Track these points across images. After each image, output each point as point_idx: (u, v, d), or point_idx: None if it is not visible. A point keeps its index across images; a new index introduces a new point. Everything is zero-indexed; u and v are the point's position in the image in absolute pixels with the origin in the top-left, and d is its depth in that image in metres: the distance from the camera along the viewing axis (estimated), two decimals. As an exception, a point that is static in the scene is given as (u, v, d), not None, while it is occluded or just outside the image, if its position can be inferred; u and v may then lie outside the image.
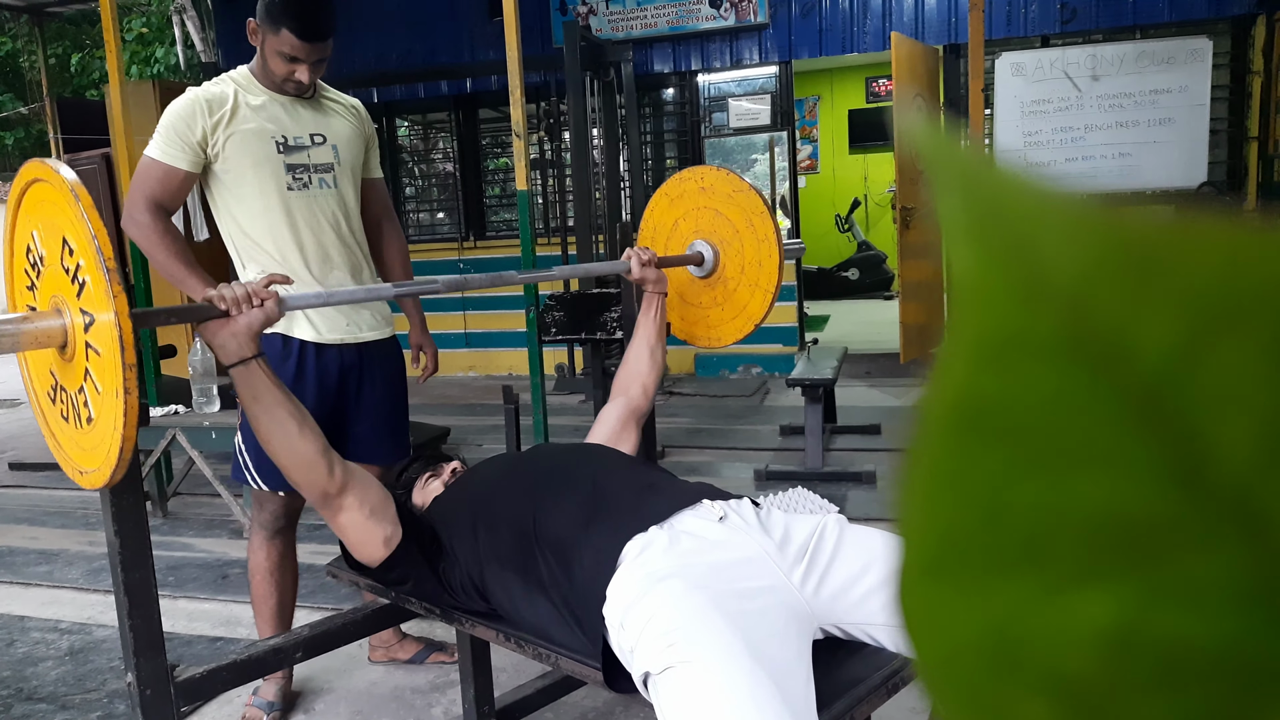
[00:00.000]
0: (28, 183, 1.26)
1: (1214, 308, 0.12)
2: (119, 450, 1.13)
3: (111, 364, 1.11)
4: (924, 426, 0.14)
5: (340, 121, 2.13)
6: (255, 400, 1.40)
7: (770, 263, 1.94)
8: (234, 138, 1.97)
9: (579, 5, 5.92)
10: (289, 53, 1.95)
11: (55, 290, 1.22)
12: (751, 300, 1.98)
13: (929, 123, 0.15)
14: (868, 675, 1.32)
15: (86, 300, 1.15)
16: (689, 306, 2.12)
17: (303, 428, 1.43)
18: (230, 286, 1.38)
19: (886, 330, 6.35)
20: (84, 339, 1.16)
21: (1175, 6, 5.12)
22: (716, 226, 2.03)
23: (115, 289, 1.09)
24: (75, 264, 1.16)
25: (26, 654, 2.57)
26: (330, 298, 1.59)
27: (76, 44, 12.31)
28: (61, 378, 1.26)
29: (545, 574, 1.43)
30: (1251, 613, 0.13)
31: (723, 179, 2.02)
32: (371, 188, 2.24)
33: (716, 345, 2.09)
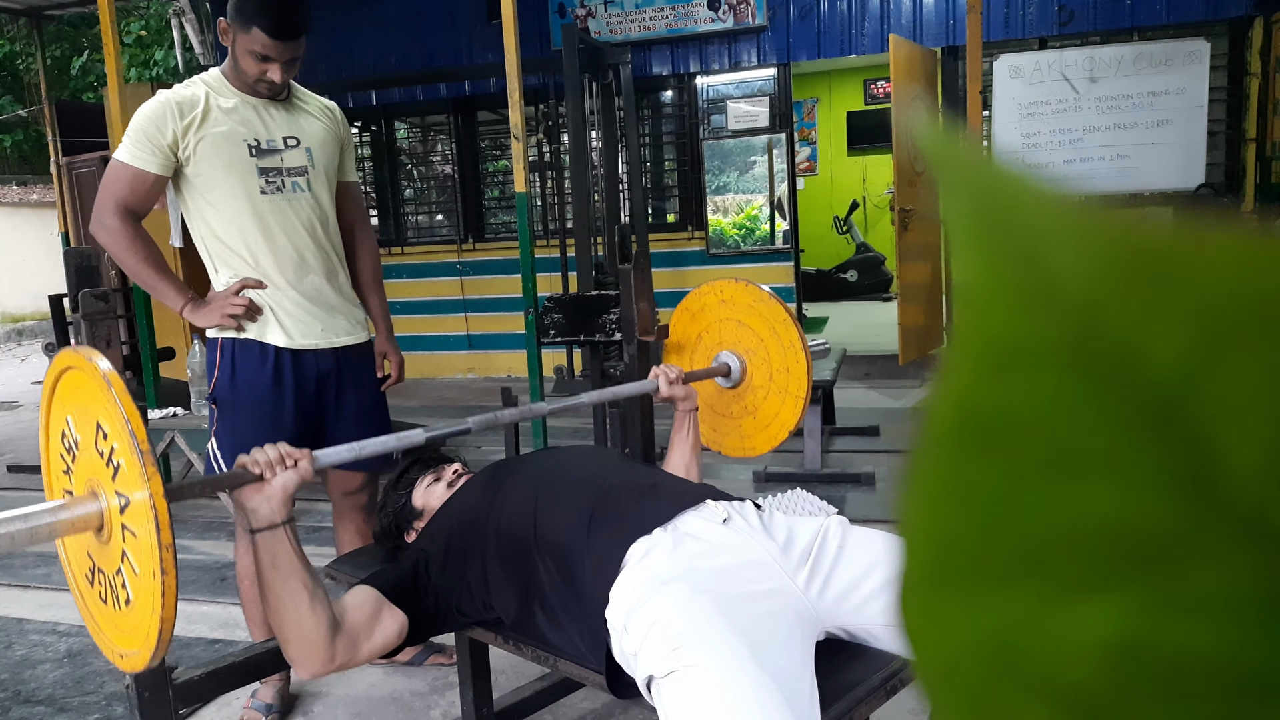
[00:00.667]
0: (61, 371, 1.27)
1: (1224, 317, 0.12)
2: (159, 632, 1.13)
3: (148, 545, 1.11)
4: (928, 433, 0.14)
5: (314, 124, 2.08)
6: (274, 568, 1.32)
7: (798, 368, 1.94)
8: (205, 141, 1.93)
9: (577, 8, 5.93)
10: (260, 51, 1.91)
11: (90, 474, 1.22)
12: (783, 408, 1.98)
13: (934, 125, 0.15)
14: (867, 677, 1.32)
15: (121, 482, 1.15)
16: (720, 418, 2.11)
17: (314, 602, 1.33)
18: (263, 450, 1.32)
19: (885, 332, 6.35)
20: (120, 521, 1.17)
21: (1173, 8, 5.13)
22: (740, 337, 2.04)
23: (150, 470, 1.09)
24: (109, 447, 1.17)
25: (25, 656, 2.56)
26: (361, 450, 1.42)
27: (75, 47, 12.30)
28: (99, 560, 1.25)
29: (545, 579, 1.42)
30: (1257, 624, 0.12)
31: (741, 291, 2.03)
32: (346, 191, 2.20)
33: (752, 454, 2.08)
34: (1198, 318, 0.12)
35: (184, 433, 3.35)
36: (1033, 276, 0.13)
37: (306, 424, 2.09)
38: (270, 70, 1.94)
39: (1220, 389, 0.12)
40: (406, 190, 7.04)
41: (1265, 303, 0.12)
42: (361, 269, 2.25)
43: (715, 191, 6.02)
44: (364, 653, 1.41)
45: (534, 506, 1.49)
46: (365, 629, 1.42)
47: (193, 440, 3.35)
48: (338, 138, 2.15)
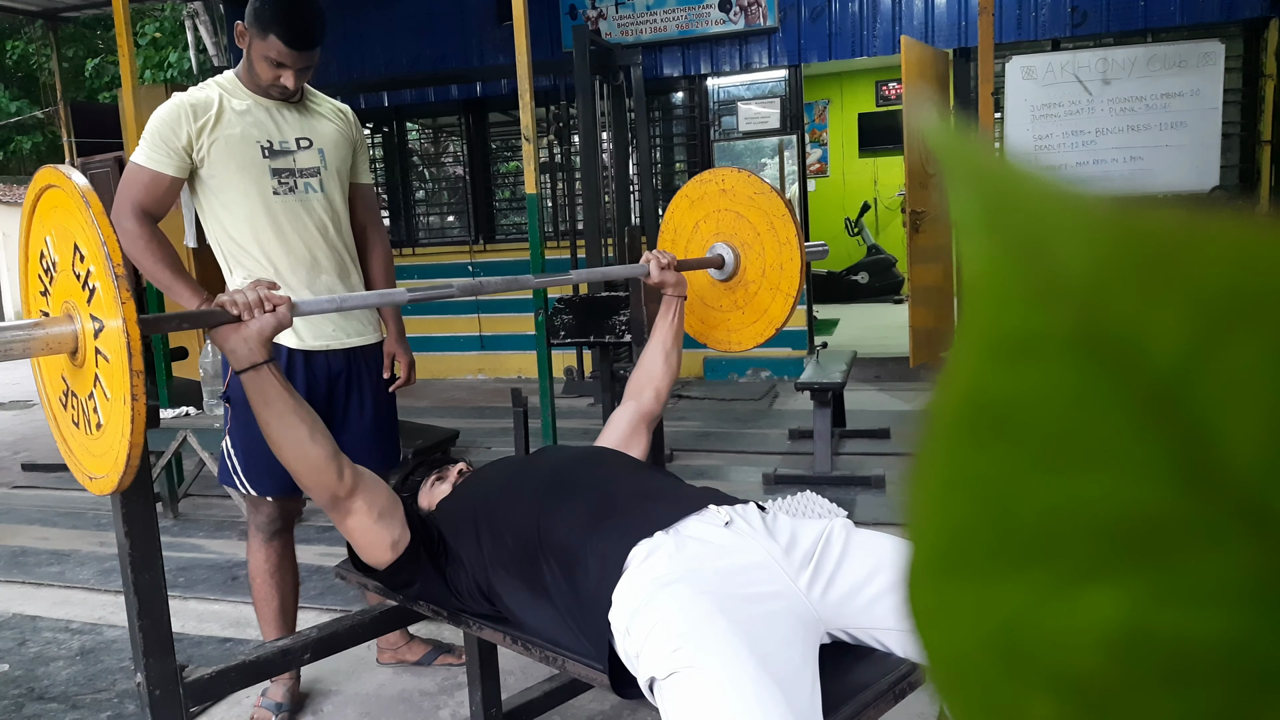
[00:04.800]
0: (41, 189, 1.26)
1: (1225, 307, 0.12)
2: (126, 456, 1.14)
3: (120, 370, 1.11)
4: (934, 424, 0.14)
5: (327, 125, 2.11)
6: (266, 405, 1.39)
7: (791, 266, 1.92)
8: (219, 143, 1.96)
9: (588, 10, 5.94)
10: (276, 59, 1.94)
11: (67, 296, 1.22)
12: (772, 304, 1.97)
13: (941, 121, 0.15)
14: (874, 680, 1.31)
15: (96, 306, 1.15)
16: (709, 310, 2.11)
17: (313, 432, 1.42)
18: (242, 291, 1.37)
19: (896, 334, 6.33)
20: (94, 345, 1.17)
21: (1187, 10, 5.10)
22: (737, 229, 2.02)
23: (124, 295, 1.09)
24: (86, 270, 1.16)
25: (38, 653, 2.58)
26: (343, 302, 1.56)
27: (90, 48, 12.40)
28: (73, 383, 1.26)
29: (549, 579, 1.43)
30: (1260, 612, 0.12)
31: (744, 181, 2.01)
32: (359, 193, 2.22)
33: (736, 349, 2.07)
34: (1198, 307, 0.12)
35: (196, 432, 3.37)
36: (1037, 267, 0.13)
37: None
38: (284, 76, 1.97)
39: (1220, 377, 0.12)
40: (418, 191, 7.06)
41: (1264, 292, 0.12)
42: (374, 269, 2.27)
43: (726, 193, 6.01)
44: (367, 502, 1.49)
45: (539, 506, 1.49)
46: (376, 487, 1.52)
47: (205, 439, 3.37)
48: (350, 139, 2.17)
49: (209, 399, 3.48)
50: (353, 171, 2.20)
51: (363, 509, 1.50)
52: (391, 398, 2.27)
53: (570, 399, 5.53)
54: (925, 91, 5.00)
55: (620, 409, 1.91)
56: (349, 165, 2.17)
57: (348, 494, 1.48)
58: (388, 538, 1.52)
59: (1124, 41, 5.23)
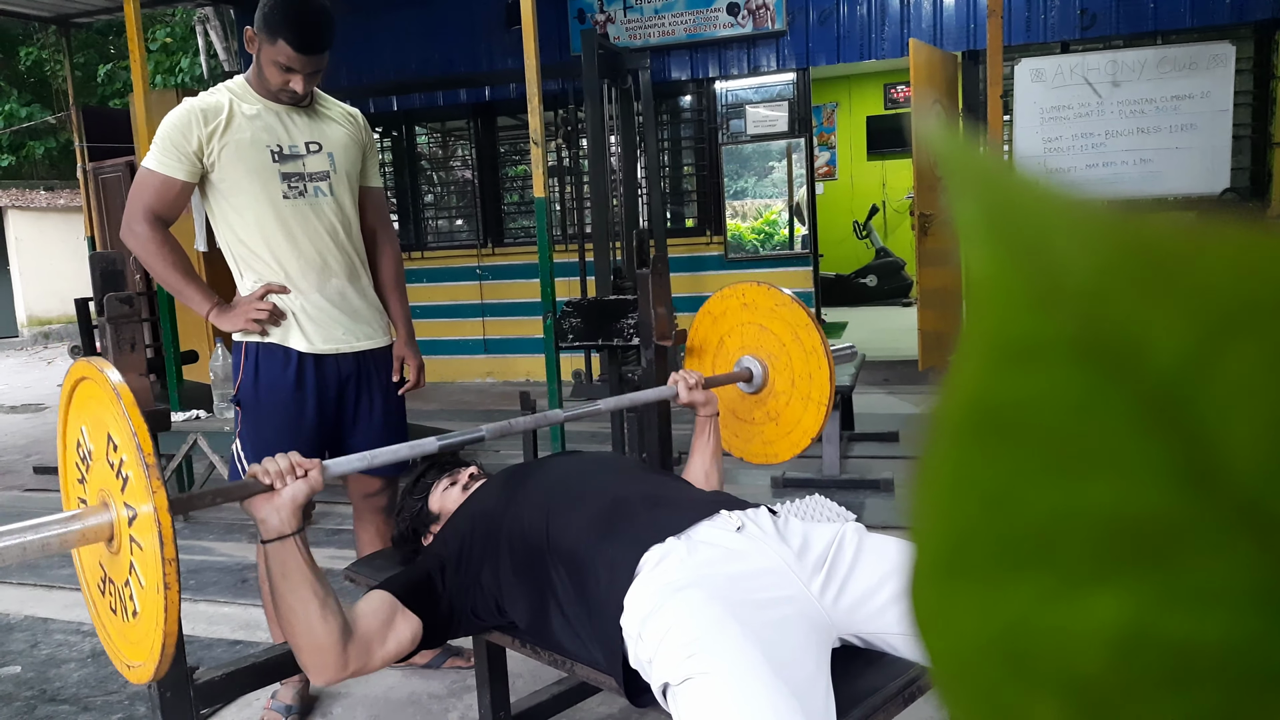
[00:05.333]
0: (76, 381, 1.29)
1: (1226, 311, 0.12)
2: (162, 646, 1.13)
3: (153, 558, 1.12)
4: (938, 427, 0.14)
5: (336, 129, 2.12)
6: (284, 577, 1.32)
7: (820, 374, 1.92)
8: (229, 147, 1.97)
9: (597, 14, 5.95)
10: (285, 63, 1.95)
11: (102, 484, 1.24)
12: (805, 414, 1.96)
13: (945, 127, 0.15)
14: (884, 684, 1.31)
15: (130, 494, 1.16)
16: (742, 423, 2.10)
17: (324, 610, 1.33)
18: (273, 460, 1.32)
19: (904, 337, 6.32)
20: (129, 532, 1.18)
21: (1197, 12, 5.08)
22: (763, 342, 2.02)
23: (155, 484, 1.10)
24: (119, 459, 1.18)
25: (50, 656, 2.59)
26: (373, 459, 1.42)
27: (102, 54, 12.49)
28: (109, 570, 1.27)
29: (560, 587, 1.42)
30: (1262, 615, 0.13)
31: (764, 295, 2.02)
32: (368, 196, 2.23)
33: (774, 461, 2.07)
34: (1199, 312, 0.12)
35: (207, 435, 3.39)
36: (1040, 273, 0.13)
37: (326, 426, 2.11)
38: (293, 81, 1.98)
39: (1222, 383, 0.12)
40: (426, 195, 7.08)
41: (1265, 297, 0.12)
42: (383, 272, 2.27)
43: (734, 196, 6.01)
44: (377, 659, 1.41)
45: (548, 513, 1.49)
46: (379, 635, 1.42)
47: (215, 443, 3.38)
48: (360, 143, 2.18)
49: (219, 402, 3.50)
50: (362, 175, 2.20)
51: (374, 661, 1.42)
52: (401, 400, 2.27)
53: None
54: (930, 96, 5.00)
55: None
56: (359, 169, 2.17)
57: (351, 671, 1.39)
58: (405, 649, 1.46)
59: (1133, 43, 5.21)
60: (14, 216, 12.30)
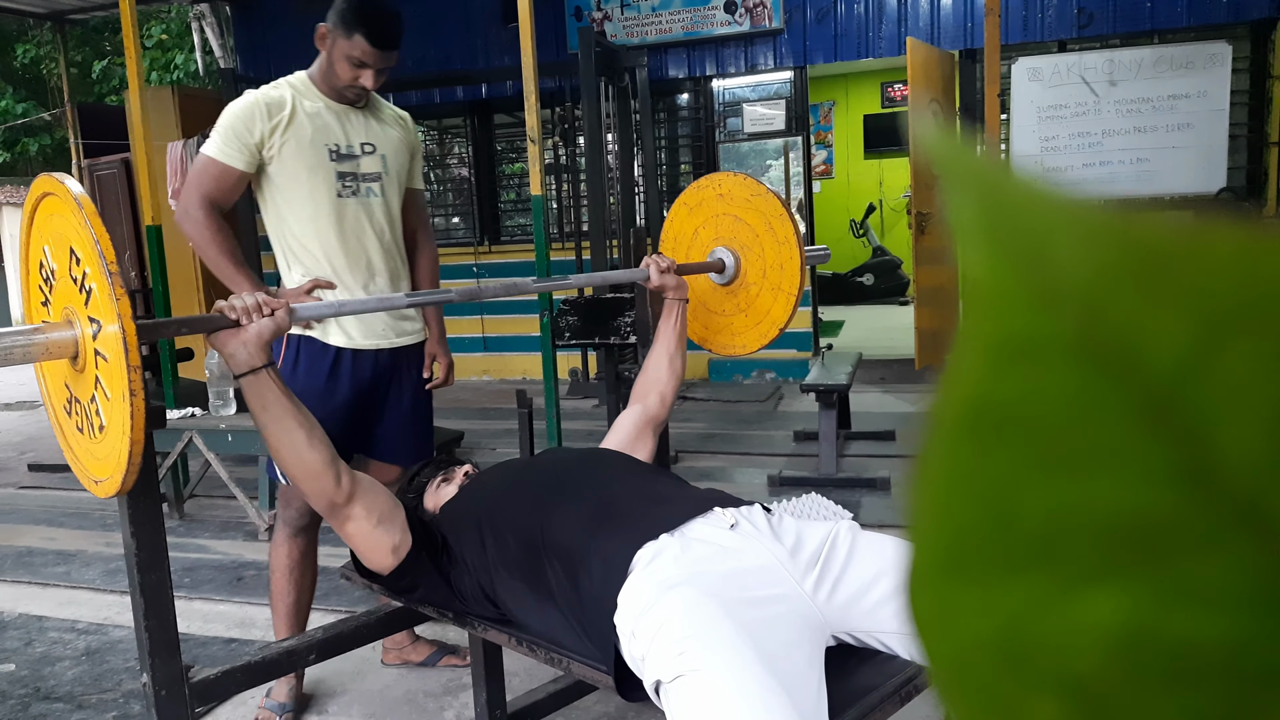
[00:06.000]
0: (38, 198, 1.28)
1: (1224, 311, 0.12)
2: (128, 455, 1.14)
3: (118, 367, 1.11)
4: (936, 427, 0.14)
5: (390, 131, 2.18)
6: (264, 409, 1.40)
7: (791, 265, 1.92)
8: (290, 143, 2.02)
9: (594, 11, 5.94)
10: (359, 57, 2.00)
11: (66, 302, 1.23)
12: (774, 305, 1.97)
13: (942, 127, 0.15)
14: (880, 683, 1.31)
15: (94, 308, 1.16)
16: (711, 315, 2.11)
17: (311, 437, 1.43)
18: (240, 297, 1.39)
19: (901, 336, 6.32)
20: (93, 347, 1.18)
21: (1194, 11, 5.09)
22: (736, 232, 2.02)
23: (118, 291, 1.10)
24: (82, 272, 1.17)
25: (44, 653, 2.59)
26: (341, 308, 1.58)
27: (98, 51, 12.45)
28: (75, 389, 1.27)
29: (553, 582, 1.43)
30: (1259, 614, 0.13)
31: (740, 184, 2.01)
32: (411, 197, 2.28)
33: (740, 353, 2.07)
34: (1197, 312, 0.12)
35: (202, 433, 3.38)
36: (1037, 273, 0.13)
37: (357, 418, 2.17)
38: (364, 76, 2.02)
39: (1219, 382, 0.12)
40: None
41: (1262, 297, 0.12)
42: (421, 271, 2.34)
43: (731, 195, 6.01)
44: (365, 508, 1.49)
45: (543, 508, 1.49)
46: (376, 494, 1.52)
47: (210, 440, 3.38)
48: (409, 146, 2.24)
49: (214, 400, 3.49)
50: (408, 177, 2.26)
51: (361, 515, 1.50)
52: (428, 396, 2.33)
53: (575, 400, 5.53)
54: (928, 95, 5.00)
55: (625, 413, 1.91)
56: (406, 172, 2.23)
57: (346, 500, 1.48)
58: (388, 543, 1.52)
59: (1130, 43, 5.22)
60: (9, 213, 12.27)
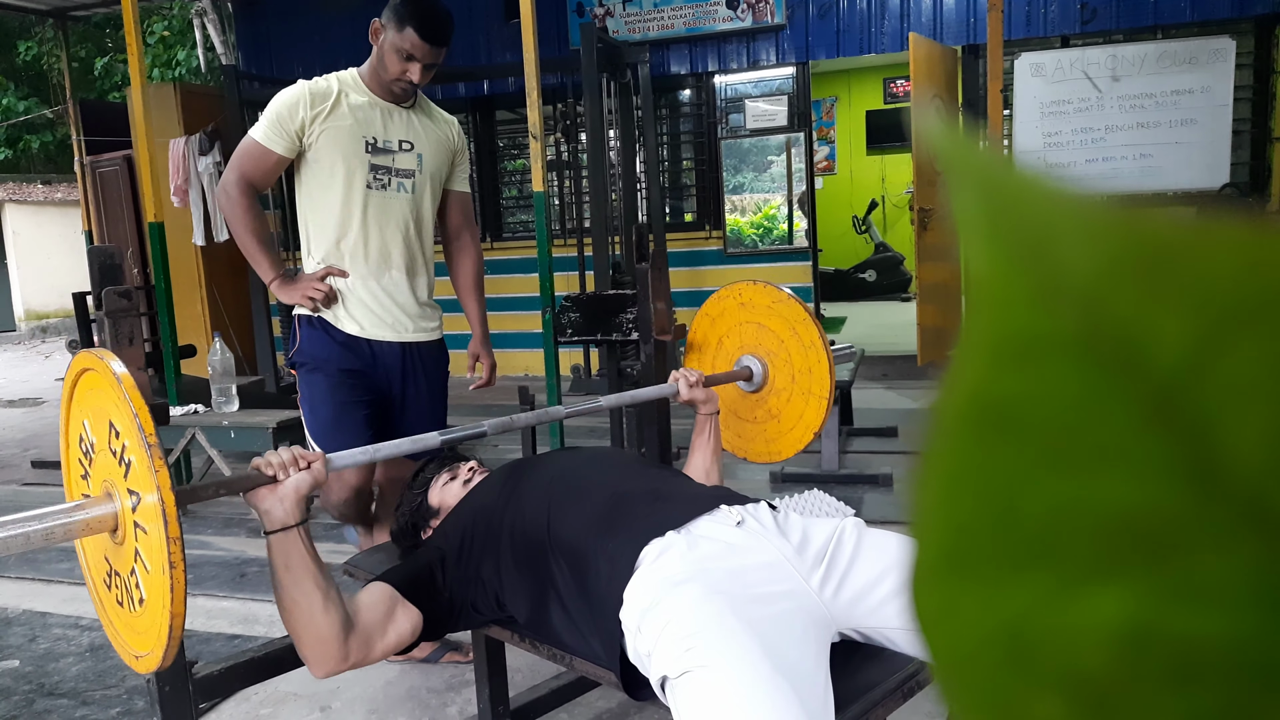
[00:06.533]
0: (78, 373, 1.29)
1: (1228, 308, 0.12)
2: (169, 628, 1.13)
3: (157, 540, 1.11)
4: (940, 424, 0.14)
5: (431, 132, 2.24)
6: (287, 569, 1.32)
7: (820, 368, 1.92)
8: (329, 131, 2.10)
9: (596, 7, 5.93)
10: (408, 50, 2.07)
11: (105, 475, 1.23)
12: (807, 409, 1.96)
13: (945, 123, 0.15)
14: (884, 679, 1.31)
15: (133, 480, 1.16)
16: (744, 423, 2.09)
17: (327, 602, 1.34)
18: (276, 453, 1.33)
19: (904, 332, 6.32)
20: (132, 519, 1.18)
21: (1197, 6, 5.07)
22: (761, 339, 2.02)
23: (157, 463, 1.10)
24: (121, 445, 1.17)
25: (48, 650, 2.60)
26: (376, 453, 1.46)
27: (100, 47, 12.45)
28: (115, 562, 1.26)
29: (560, 580, 1.43)
30: (1263, 611, 0.13)
31: (760, 293, 2.02)
32: (455, 199, 2.36)
33: (778, 459, 2.06)
34: (1201, 308, 0.12)
35: (205, 429, 3.38)
36: (1041, 269, 0.13)
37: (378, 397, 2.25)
38: (411, 70, 2.09)
39: (1223, 379, 0.12)
40: (425, 189, 7.07)
41: (1265, 293, 0.12)
42: (462, 273, 2.43)
43: (733, 191, 6.01)
44: (378, 651, 1.42)
45: (549, 507, 1.49)
46: (379, 627, 1.42)
47: (213, 436, 3.38)
48: (451, 148, 2.30)
49: (218, 397, 3.50)
50: (451, 179, 2.33)
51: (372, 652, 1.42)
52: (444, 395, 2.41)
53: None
54: (930, 90, 4.99)
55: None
56: (445, 173, 2.30)
57: (351, 665, 1.39)
58: (406, 637, 1.45)
59: (1134, 38, 5.20)
60: (11, 210, 12.28)
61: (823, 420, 1.94)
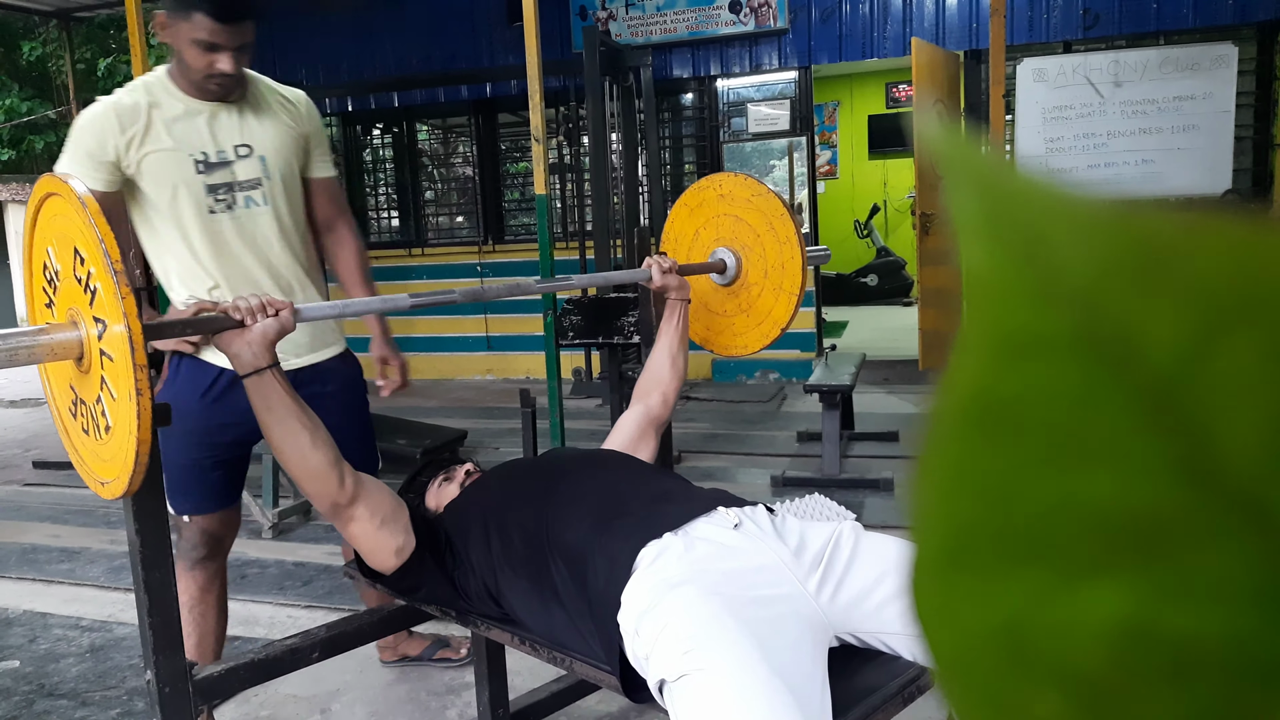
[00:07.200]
0: (42, 198, 1.27)
1: (1223, 305, 0.12)
2: (135, 454, 1.14)
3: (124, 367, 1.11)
4: (938, 422, 0.14)
5: (270, 127, 1.91)
6: (268, 410, 1.39)
7: (793, 264, 1.92)
8: (149, 159, 1.79)
9: (598, 10, 5.94)
10: (206, 39, 1.74)
11: (70, 303, 1.23)
12: (776, 305, 1.97)
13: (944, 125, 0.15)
14: (883, 683, 1.31)
15: (99, 307, 1.15)
16: (713, 315, 2.11)
17: (314, 438, 1.42)
18: (245, 297, 1.38)
19: (905, 337, 6.32)
20: (98, 347, 1.17)
21: (1200, 12, 5.07)
22: (737, 233, 2.02)
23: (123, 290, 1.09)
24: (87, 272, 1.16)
25: (48, 650, 2.60)
26: (346, 308, 1.47)
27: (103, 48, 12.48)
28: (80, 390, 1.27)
29: (558, 581, 1.43)
30: (1260, 608, 0.13)
31: (741, 184, 2.01)
32: (320, 188, 2.04)
33: (742, 353, 2.07)
34: (1196, 306, 0.12)
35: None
36: (1038, 268, 0.13)
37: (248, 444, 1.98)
38: (219, 61, 1.76)
39: (1218, 376, 0.12)
40: (427, 191, 7.08)
41: (1261, 291, 0.12)
42: (345, 268, 2.10)
43: (735, 195, 6.01)
44: (370, 506, 1.49)
45: (547, 507, 1.49)
46: (380, 493, 1.52)
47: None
48: (300, 135, 1.97)
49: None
50: (310, 166, 2.01)
51: (365, 516, 1.50)
52: (362, 408, 2.11)
53: (578, 400, 5.53)
54: (932, 95, 4.99)
55: (627, 413, 1.91)
56: (298, 166, 1.98)
57: (349, 501, 1.48)
58: (392, 544, 1.52)
59: (1136, 44, 5.21)
60: (14, 211, 12.30)
61: (791, 316, 1.94)
